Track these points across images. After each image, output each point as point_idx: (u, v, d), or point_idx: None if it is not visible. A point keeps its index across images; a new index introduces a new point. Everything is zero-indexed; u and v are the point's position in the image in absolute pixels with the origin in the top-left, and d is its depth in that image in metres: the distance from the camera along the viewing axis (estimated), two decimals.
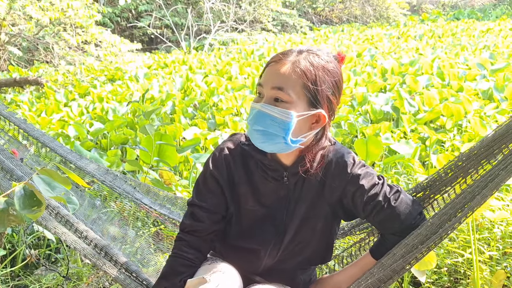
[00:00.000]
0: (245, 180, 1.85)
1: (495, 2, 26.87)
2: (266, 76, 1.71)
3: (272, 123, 1.66)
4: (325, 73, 1.69)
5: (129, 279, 2.07)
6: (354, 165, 1.79)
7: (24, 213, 1.13)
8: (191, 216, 1.89)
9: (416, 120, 5.94)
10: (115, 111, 7.54)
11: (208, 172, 1.89)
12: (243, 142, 1.87)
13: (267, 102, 1.68)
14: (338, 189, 1.79)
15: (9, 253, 3.39)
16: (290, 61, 1.68)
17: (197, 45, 18.20)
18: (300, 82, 1.66)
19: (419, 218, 1.76)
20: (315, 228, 1.85)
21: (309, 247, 1.88)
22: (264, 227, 1.86)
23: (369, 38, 16.30)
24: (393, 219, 1.75)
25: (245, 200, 1.86)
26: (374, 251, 1.86)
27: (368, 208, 1.76)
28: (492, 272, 2.70)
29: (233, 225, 1.89)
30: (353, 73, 9.38)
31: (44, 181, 1.15)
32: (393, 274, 1.64)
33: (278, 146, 1.71)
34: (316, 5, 25.50)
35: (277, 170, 1.80)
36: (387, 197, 1.75)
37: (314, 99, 1.68)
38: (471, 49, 11.56)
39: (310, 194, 1.82)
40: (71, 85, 11.19)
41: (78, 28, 12.25)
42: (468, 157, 1.76)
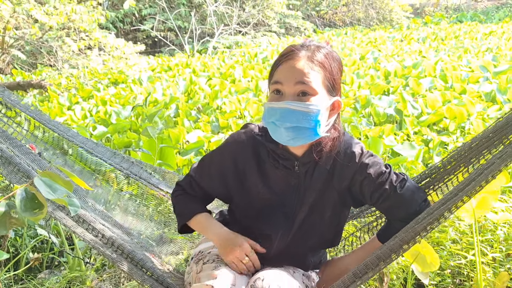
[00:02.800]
0: (256, 169, 1.92)
1: (498, 4, 26.83)
2: (285, 73, 1.75)
3: (304, 117, 1.71)
4: (335, 62, 1.80)
5: (145, 275, 2.10)
6: (362, 155, 1.87)
7: (25, 216, 1.14)
8: (188, 184, 2.05)
9: (419, 123, 5.93)
10: (118, 115, 7.55)
11: (215, 157, 2.00)
12: (257, 133, 1.93)
13: (292, 98, 1.72)
14: (347, 178, 1.87)
15: (13, 257, 3.40)
16: (305, 56, 1.75)
17: (201, 48, 18.20)
18: (320, 74, 1.74)
19: (424, 205, 1.84)
20: (324, 215, 1.93)
21: (319, 232, 1.96)
22: (274, 214, 1.93)
23: (372, 41, 16.29)
24: (399, 206, 1.84)
25: (256, 188, 1.93)
26: (380, 235, 1.94)
27: (375, 195, 1.85)
28: (495, 274, 2.70)
29: (244, 210, 1.98)
30: (357, 75, 9.38)
31: (45, 184, 1.15)
32: (391, 253, 1.68)
33: (307, 138, 1.78)
34: (319, 8, 25.51)
35: (289, 159, 1.87)
36: (393, 185, 1.83)
37: (332, 87, 1.78)
38: (474, 51, 11.55)
39: (320, 183, 1.89)
40: (74, 88, 11.20)
41: (82, 32, 12.27)
42: (469, 148, 1.83)
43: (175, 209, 2.10)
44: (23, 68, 14.93)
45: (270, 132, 1.80)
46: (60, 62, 12.68)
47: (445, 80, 8.04)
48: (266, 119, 1.78)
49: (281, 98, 1.74)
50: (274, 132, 1.78)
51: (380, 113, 6.46)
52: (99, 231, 2.20)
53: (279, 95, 1.75)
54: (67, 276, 3.23)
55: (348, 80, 8.99)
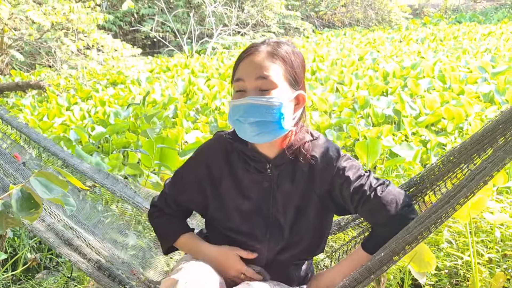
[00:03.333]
0: (227, 174, 1.87)
1: (497, 5, 26.87)
2: (245, 69, 1.75)
3: (266, 111, 1.69)
4: (296, 57, 1.79)
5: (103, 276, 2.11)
6: (339, 157, 1.83)
7: (21, 216, 1.14)
8: (164, 202, 2.00)
9: (418, 123, 5.95)
10: (117, 115, 7.55)
11: (188, 168, 1.95)
12: (226, 136, 1.89)
13: (254, 94, 1.71)
14: (326, 181, 1.83)
15: (11, 257, 3.40)
16: (265, 51, 1.74)
17: (200, 48, 18.21)
18: (281, 68, 1.73)
19: (407, 209, 1.79)
20: (308, 220, 1.87)
21: (303, 239, 1.89)
22: (253, 221, 1.86)
23: (371, 41, 16.31)
24: (380, 209, 1.78)
25: (229, 195, 1.87)
26: (365, 244, 1.86)
27: (355, 198, 1.79)
28: (491, 274, 2.71)
29: (222, 221, 1.91)
30: (355, 76, 9.40)
31: (41, 183, 1.15)
32: (381, 265, 1.63)
33: (273, 133, 1.74)
34: (318, 9, 25.53)
35: (260, 161, 1.83)
36: (373, 187, 1.79)
37: (294, 81, 1.76)
38: (472, 52, 11.57)
39: (299, 187, 1.84)
40: (73, 89, 11.21)
41: (80, 33, 12.27)
42: (459, 152, 1.79)
43: (157, 232, 2.05)
44: (22, 69, 14.93)
45: (236, 130, 1.78)
46: (58, 62, 12.68)
47: (444, 81, 8.05)
48: (231, 117, 1.76)
49: (244, 95, 1.73)
50: (240, 130, 1.76)
51: (378, 114, 6.47)
52: (77, 247, 2.20)
53: (242, 92, 1.74)
54: (65, 276, 3.23)
55: (346, 80, 9.01)
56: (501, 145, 1.60)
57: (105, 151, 6.19)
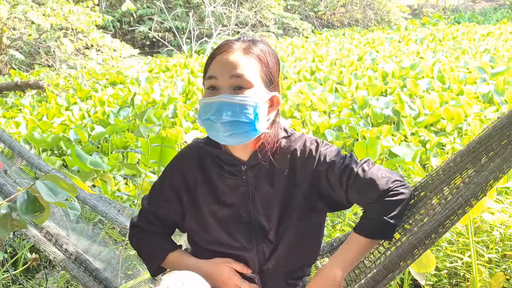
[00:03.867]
0: (202, 181, 1.79)
1: (496, 5, 26.89)
2: (218, 67, 1.65)
3: (241, 110, 1.61)
4: (271, 56, 1.71)
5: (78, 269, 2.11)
6: (318, 146, 1.76)
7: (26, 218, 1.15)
8: (145, 220, 1.89)
9: (417, 124, 5.95)
10: (116, 115, 7.56)
11: (164, 180, 1.86)
12: (200, 141, 1.83)
13: (228, 92, 1.63)
14: (309, 174, 1.74)
15: (11, 257, 3.40)
16: (240, 49, 1.67)
17: (199, 48, 18.21)
18: (256, 67, 1.66)
19: (398, 183, 1.72)
20: (294, 221, 1.76)
21: (293, 242, 1.78)
22: (233, 229, 1.77)
23: (370, 41, 16.32)
24: (369, 184, 1.69)
25: (205, 202, 1.79)
26: (357, 226, 1.76)
27: (343, 179, 1.71)
28: (491, 274, 2.71)
29: (201, 233, 1.82)
30: (354, 76, 9.40)
31: (47, 187, 1.15)
32: (387, 273, 1.64)
33: (246, 134, 1.66)
34: (317, 9, 25.54)
35: (234, 164, 1.75)
36: (360, 164, 1.72)
37: (269, 81, 1.69)
38: (471, 52, 11.58)
39: (279, 187, 1.75)
40: (72, 89, 11.21)
41: (79, 33, 12.26)
42: (455, 160, 1.79)
43: (141, 254, 1.92)
44: (21, 69, 14.92)
45: (207, 130, 1.69)
46: (58, 62, 12.67)
47: (443, 81, 8.06)
48: (202, 116, 1.66)
49: (217, 93, 1.63)
50: (211, 129, 1.66)
51: (377, 114, 6.47)
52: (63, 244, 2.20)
53: (214, 90, 1.65)
54: (65, 276, 3.24)
55: (346, 81, 9.02)
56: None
57: (105, 151, 6.20)
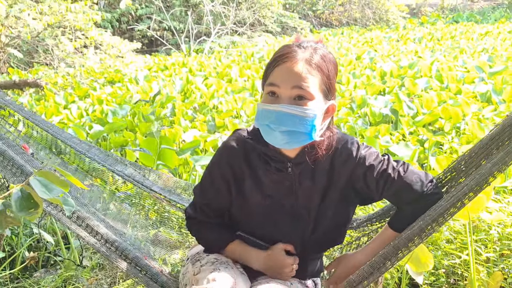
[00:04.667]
0: (249, 175, 1.87)
1: (494, 5, 26.90)
2: (281, 76, 1.70)
3: (300, 122, 1.67)
4: (331, 65, 1.76)
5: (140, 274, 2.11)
6: (358, 149, 1.85)
7: (21, 215, 1.15)
8: (200, 211, 1.99)
9: (415, 123, 5.95)
10: (114, 114, 7.54)
11: (213, 170, 1.94)
12: (246, 136, 1.89)
13: (288, 102, 1.68)
14: (347, 174, 1.85)
15: (8, 255, 3.40)
16: (302, 59, 1.70)
17: (197, 47, 18.20)
18: (317, 78, 1.70)
19: (431, 185, 1.82)
20: (330, 214, 1.89)
21: (327, 232, 1.93)
22: (276, 219, 1.90)
23: (368, 41, 16.31)
24: (405, 188, 1.81)
25: (251, 195, 1.88)
26: (392, 223, 1.91)
27: (380, 183, 1.82)
28: (489, 273, 2.72)
29: (246, 222, 1.94)
30: (353, 75, 9.40)
31: (41, 183, 1.16)
32: (407, 242, 1.71)
33: (302, 142, 1.74)
34: (316, 8, 25.53)
35: (281, 161, 1.83)
36: (396, 169, 1.82)
37: (328, 91, 1.74)
38: (469, 52, 11.58)
39: (320, 185, 1.86)
40: (70, 87, 11.19)
41: (77, 31, 12.25)
42: (469, 158, 1.88)
43: (201, 243, 2.04)
44: (19, 67, 14.89)
45: (263, 134, 1.76)
46: (56, 60, 12.65)
47: (441, 81, 8.06)
48: (260, 121, 1.73)
49: (277, 101, 1.69)
50: (268, 135, 1.73)
51: (376, 113, 6.47)
52: (93, 228, 2.20)
53: (274, 97, 1.71)
54: (63, 275, 3.23)
55: (344, 80, 9.01)
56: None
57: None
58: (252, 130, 1.89)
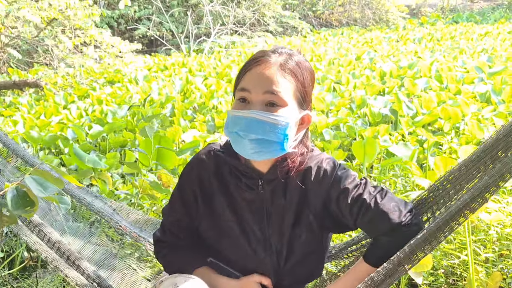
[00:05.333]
0: (219, 190, 1.76)
1: (494, 5, 26.92)
2: (253, 80, 1.60)
3: (271, 129, 1.56)
4: (307, 73, 1.66)
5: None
6: (334, 168, 1.73)
7: (17, 213, 1.14)
8: (169, 233, 1.87)
9: (414, 123, 5.95)
10: (114, 114, 7.55)
11: (182, 184, 1.83)
12: (218, 150, 1.79)
13: (259, 108, 1.58)
14: (321, 195, 1.73)
15: (7, 255, 3.39)
16: (276, 63, 1.61)
17: (197, 48, 18.20)
18: (292, 85, 1.61)
19: (410, 215, 1.68)
20: (302, 240, 1.76)
21: (299, 262, 1.79)
22: (249, 243, 1.77)
23: (368, 41, 16.32)
24: (381, 217, 1.66)
25: (222, 213, 1.76)
26: (367, 257, 1.75)
27: (354, 209, 1.68)
28: (488, 274, 2.71)
29: (219, 243, 1.80)
30: (352, 76, 9.40)
31: (37, 181, 1.15)
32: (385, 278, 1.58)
33: (273, 153, 1.63)
34: (316, 8, 25.54)
35: (251, 177, 1.72)
36: (372, 195, 1.68)
37: (303, 100, 1.65)
38: (469, 52, 11.58)
39: (292, 204, 1.74)
40: (70, 87, 11.20)
41: (77, 29, 12.25)
42: (459, 171, 1.75)
43: (167, 269, 1.89)
44: (19, 67, 14.90)
45: (232, 143, 1.66)
46: (56, 60, 12.66)
47: (440, 81, 8.06)
48: (230, 128, 1.62)
49: (247, 107, 1.59)
50: (237, 144, 1.63)
51: (375, 113, 6.47)
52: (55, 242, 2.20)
53: (245, 103, 1.60)
54: (61, 275, 3.23)
55: (344, 80, 9.01)
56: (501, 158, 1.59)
57: (102, 149, 6.19)
58: (225, 144, 1.78)
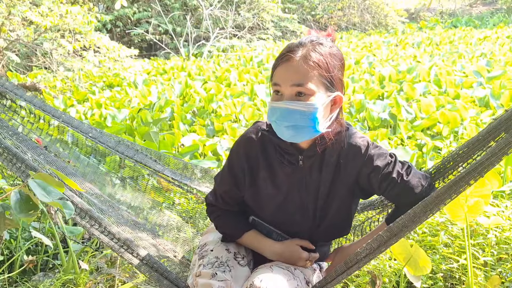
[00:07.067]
0: (264, 166, 1.99)
1: (493, 10, 26.96)
2: (281, 75, 1.82)
3: (301, 116, 1.77)
4: (333, 58, 1.84)
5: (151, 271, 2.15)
6: (368, 147, 1.94)
7: (20, 217, 1.15)
8: (220, 199, 2.12)
9: (413, 127, 5.96)
10: (113, 118, 7.55)
11: (231, 159, 2.06)
12: (263, 128, 2.00)
13: (290, 98, 1.79)
14: (354, 170, 1.94)
15: (7, 259, 3.40)
16: (300, 56, 1.80)
17: (196, 51, 18.19)
18: (316, 73, 1.79)
19: (429, 189, 1.92)
20: (335, 207, 1.99)
21: (333, 224, 2.03)
22: (287, 211, 2.00)
23: (367, 45, 16.33)
24: (406, 192, 1.91)
25: (265, 185, 2.00)
26: (389, 220, 2.00)
27: (383, 185, 1.92)
28: (486, 277, 2.72)
29: (258, 212, 2.06)
30: (351, 80, 9.41)
31: (40, 186, 1.16)
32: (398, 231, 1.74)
33: (309, 136, 1.85)
34: (315, 12, 25.55)
35: (293, 154, 1.94)
36: (400, 173, 1.91)
37: (330, 84, 1.82)
38: (468, 56, 11.60)
39: (327, 177, 1.96)
40: (69, 91, 11.19)
41: (77, 34, 12.25)
42: (466, 147, 1.96)
43: (219, 230, 2.15)
44: (18, 71, 14.89)
45: (274, 129, 1.88)
46: (55, 64, 12.65)
47: (439, 85, 8.08)
48: (269, 117, 1.86)
49: (281, 98, 1.81)
50: (277, 130, 1.86)
51: (374, 118, 6.49)
52: (105, 227, 2.22)
53: (279, 95, 1.82)
54: (61, 278, 3.23)
55: None
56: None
57: (102, 153, 6.17)
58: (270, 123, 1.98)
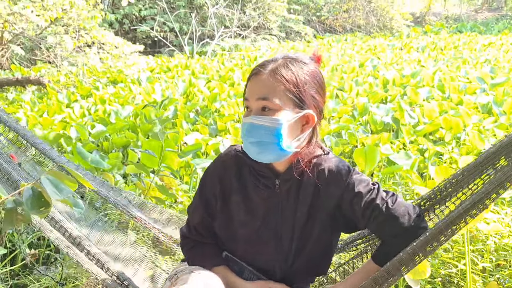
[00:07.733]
0: (237, 189, 1.87)
1: (498, 16, 26.97)
2: (250, 89, 1.75)
3: (265, 132, 1.69)
4: (304, 74, 1.74)
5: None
6: (349, 173, 1.81)
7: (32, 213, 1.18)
8: (193, 230, 1.99)
9: (416, 132, 5.97)
10: (117, 114, 7.57)
11: (204, 183, 1.95)
12: (239, 150, 1.90)
13: (256, 113, 1.72)
14: (335, 195, 1.81)
15: (9, 252, 3.42)
16: (268, 70, 1.72)
17: (200, 50, 18.21)
18: (282, 88, 1.70)
19: (419, 220, 1.77)
20: (314, 236, 1.85)
21: (309, 259, 1.88)
22: (261, 240, 1.86)
23: (372, 48, 16.35)
24: (392, 221, 1.76)
25: (237, 211, 1.87)
26: (376, 256, 1.84)
27: (367, 213, 1.77)
28: (485, 283, 2.74)
29: (230, 242, 1.92)
30: (355, 83, 9.42)
31: (52, 183, 1.19)
32: (388, 276, 1.64)
33: (275, 154, 1.74)
34: (320, 14, 25.58)
35: (268, 177, 1.83)
36: (385, 200, 1.77)
37: (299, 100, 1.72)
38: (472, 62, 11.62)
39: (305, 201, 1.83)
40: (73, 86, 11.22)
41: (81, 29, 12.27)
42: (462, 175, 1.82)
43: (189, 263, 2.00)
44: (22, 64, 14.94)
45: (243, 148, 1.81)
46: (59, 58, 12.68)
47: (443, 90, 8.09)
48: (240, 134, 1.78)
49: (249, 114, 1.75)
50: (244, 147, 1.79)
51: (377, 121, 6.50)
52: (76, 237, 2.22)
53: (248, 111, 1.76)
54: (63, 272, 3.25)
55: (346, 87, 9.04)
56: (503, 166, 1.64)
57: (105, 149, 6.21)
58: None
